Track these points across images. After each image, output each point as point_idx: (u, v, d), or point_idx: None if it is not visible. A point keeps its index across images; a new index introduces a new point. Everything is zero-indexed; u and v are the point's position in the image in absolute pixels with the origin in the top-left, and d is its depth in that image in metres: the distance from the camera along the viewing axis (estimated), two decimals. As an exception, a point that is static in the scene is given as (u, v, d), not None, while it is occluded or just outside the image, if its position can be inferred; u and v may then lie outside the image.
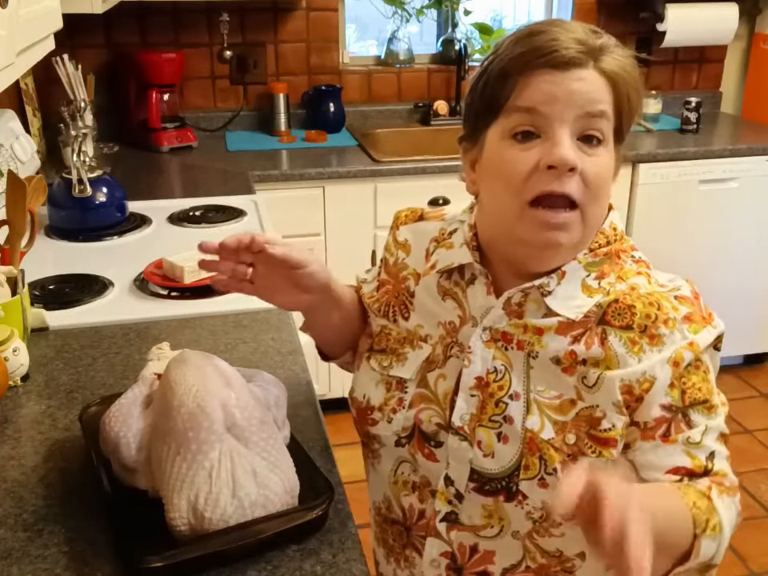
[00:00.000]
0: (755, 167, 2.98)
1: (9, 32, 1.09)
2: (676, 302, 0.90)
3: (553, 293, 0.91)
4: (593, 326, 0.90)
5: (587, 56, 0.86)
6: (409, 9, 3.21)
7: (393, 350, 1.02)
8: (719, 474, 0.89)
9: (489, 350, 0.94)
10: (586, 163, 0.86)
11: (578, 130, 0.86)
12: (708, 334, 0.90)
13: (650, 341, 0.88)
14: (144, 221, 2.09)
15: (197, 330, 1.47)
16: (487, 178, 0.92)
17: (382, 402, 1.01)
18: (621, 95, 0.88)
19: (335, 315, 1.06)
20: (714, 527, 0.83)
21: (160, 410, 0.96)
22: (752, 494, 2.60)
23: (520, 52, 0.86)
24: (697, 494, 0.84)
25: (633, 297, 0.90)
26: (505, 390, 0.93)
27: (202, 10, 2.96)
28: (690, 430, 0.88)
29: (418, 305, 1.02)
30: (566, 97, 0.85)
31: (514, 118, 0.87)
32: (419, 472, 1.00)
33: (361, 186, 2.66)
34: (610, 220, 0.97)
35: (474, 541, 0.97)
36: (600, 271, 0.93)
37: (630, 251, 0.96)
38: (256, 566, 0.90)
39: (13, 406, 1.23)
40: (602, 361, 0.89)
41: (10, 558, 0.91)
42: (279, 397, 1.04)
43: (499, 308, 0.94)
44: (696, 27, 3.25)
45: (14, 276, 1.36)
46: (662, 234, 2.97)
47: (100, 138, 2.85)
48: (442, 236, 1.02)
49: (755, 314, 3.19)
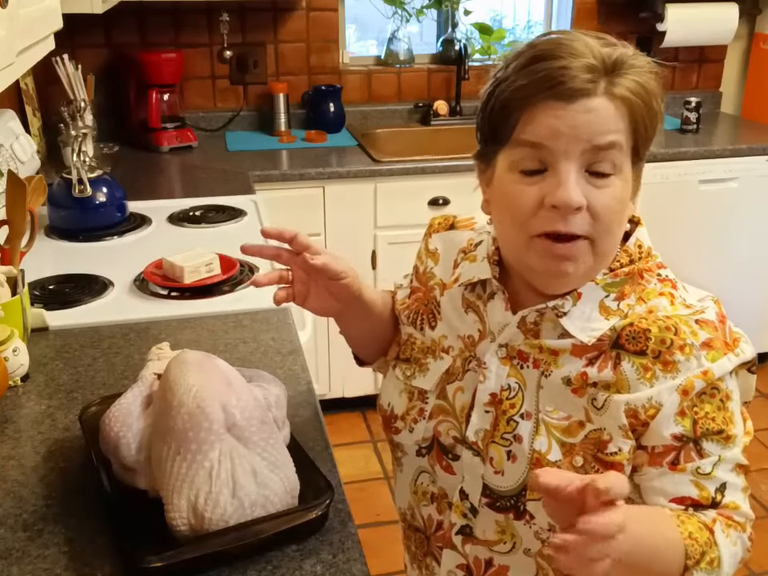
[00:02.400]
0: (755, 167, 2.98)
1: (9, 32, 1.09)
2: (696, 326, 0.86)
3: (568, 314, 0.89)
4: (607, 349, 0.88)
5: (597, 82, 0.82)
6: (409, 9, 3.21)
7: (416, 360, 1.03)
8: (729, 507, 0.85)
9: (504, 367, 0.93)
10: (594, 197, 0.83)
11: (585, 162, 0.83)
12: (728, 362, 0.86)
13: (664, 367, 0.85)
14: (144, 221, 2.09)
15: (197, 330, 1.47)
16: (496, 206, 0.91)
17: (404, 411, 1.02)
18: (636, 117, 0.84)
19: (365, 322, 1.07)
20: (712, 561, 0.81)
21: (160, 410, 0.96)
22: (752, 494, 2.59)
23: (522, 84, 0.83)
24: (698, 525, 0.82)
25: (649, 321, 0.87)
26: (516, 408, 0.92)
27: (202, 9, 2.96)
28: (702, 459, 0.85)
29: (443, 315, 1.02)
30: (570, 131, 0.81)
31: (519, 151, 0.85)
32: (437, 483, 1.01)
33: (361, 185, 2.66)
34: (635, 237, 0.93)
35: (489, 555, 0.97)
36: (620, 292, 0.90)
37: (655, 270, 0.93)
38: (256, 566, 0.90)
39: (13, 406, 1.23)
40: (612, 384, 0.87)
41: (10, 557, 0.91)
42: (279, 397, 1.04)
43: (513, 326, 0.93)
44: (696, 27, 3.24)
45: (13, 276, 1.37)
46: (662, 234, 2.95)
47: (100, 138, 2.85)
48: (470, 247, 1.02)
49: (755, 314, 3.19)
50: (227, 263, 1.70)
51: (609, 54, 0.83)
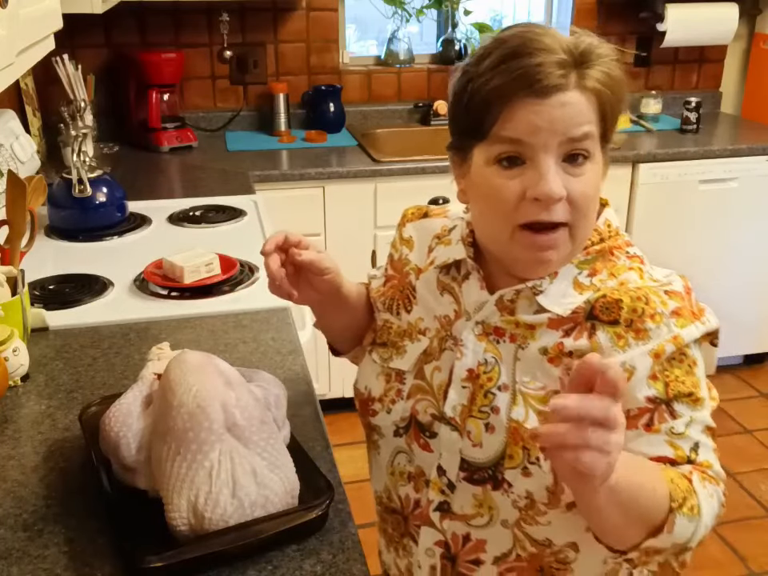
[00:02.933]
0: (755, 167, 2.98)
1: (9, 32, 1.09)
2: (665, 296, 0.91)
3: (545, 292, 0.93)
4: (582, 320, 0.92)
5: (568, 76, 0.86)
6: (409, 9, 3.21)
7: (393, 343, 1.05)
8: (703, 465, 0.88)
9: (481, 343, 0.96)
10: (572, 185, 0.87)
11: (562, 153, 0.87)
12: (695, 329, 0.90)
13: (636, 335, 0.89)
14: (144, 221, 2.09)
15: (197, 330, 1.47)
16: (476, 198, 0.94)
17: (381, 392, 1.04)
18: (605, 105, 0.89)
19: (341, 313, 1.10)
20: (692, 508, 0.83)
21: (160, 410, 0.96)
22: (752, 494, 2.60)
23: (499, 83, 0.86)
24: (677, 474, 0.85)
25: (621, 292, 0.91)
26: (494, 381, 0.95)
27: (202, 9, 2.96)
28: (674, 420, 0.88)
29: (419, 299, 1.05)
30: (548, 126, 0.85)
31: (498, 146, 0.88)
32: (414, 462, 1.02)
33: (361, 185, 2.66)
34: (604, 217, 0.98)
35: (466, 530, 0.99)
36: (592, 268, 0.94)
37: (624, 247, 0.97)
38: (256, 566, 0.90)
39: (13, 406, 1.23)
40: (587, 353, 0.88)
41: (10, 557, 0.92)
42: (279, 397, 1.04)
43: (492, 304, 0.96)
44: (696, 27, 3.24)
45: (13, 276, 1.37)
46: (662, 234, 2.97)
47: (100, 138, 2.85)
48: (444, 232, 1.06)
49: (755, 314, 3.19)
50: (227, 263, 1.70)
51: (576, 45, 0.87)
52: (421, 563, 1.04)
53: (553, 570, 0.98)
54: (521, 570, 0.98)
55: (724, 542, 2.39)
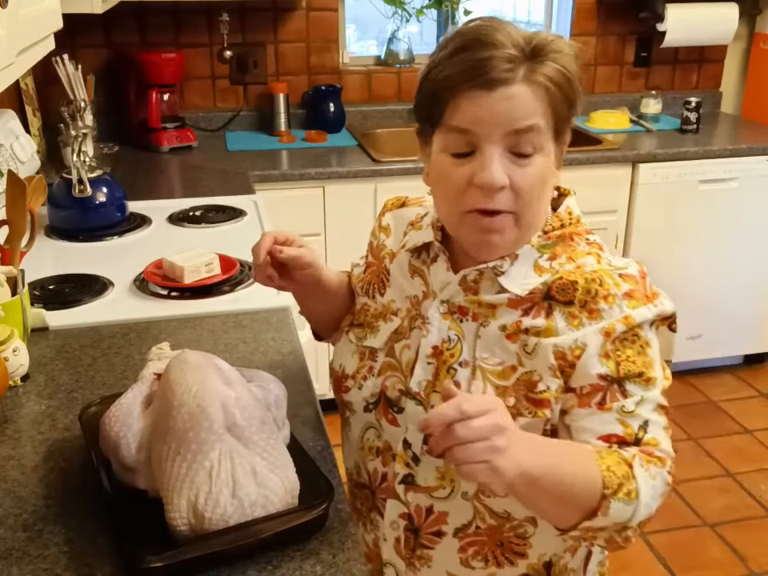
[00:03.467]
0: (755, 167, 2.98)
1: (9, 32, 1.09)
2: (619, 279, 0.94)
3: (506, 273, 0.98)
4: (539, 300, 0.96)
5: (516, 70, 0.88)
6: (409, 9, 3.21)
7: (369, 324, 1.10)
8: (651, 443, 0.91)
9: (445, 321, 1.01)
10: (517, 175, 0.91)
11: (508, 144, 0.90)
12: (647, 311, 0.93)
13: (589, 315, 0.93)
14: (144, 221, 2.09)
15: (197, 330, 1.47)
16: (433, 182, 0.99)
17: (355, 370, 1.08)
18: (555, 99, 0.91)
19: (322, 301, 1.15)
20: (629, 493, 0.86)
21: (160, 409, 0.96)
22: (752, 494, 2.60)
23: (448, 74, 0.90)
24: (617, 460, 0.88)
25: (577, 274, 0.95)
26: (455, 357, 0.99)
27: (202, 9, 2.96)
28: (625, 399, 0.91)
29: (392, 281, 1.10)
30: (491, 118, 0.89)
31: (449, 136, 0.93)
32: (383, 437, 1.06)
33: (361, 185, 2.66)
34: (566, 205, 1.02)
35: (429, 502, 1.03)
36: (552, 253, 0.98)
37: (584, 234, 1.01)
38: (256, 566, 0.90)
39: (13, 406, 1.23)
40: (543, 331, 0.94)
41: (10, 557, 0.92)
42: (279, 397, 1.04)
43: (455, 284, 1.01)
44: (696, 27, 3.25)
45: (13, 276, 1.37)
46: (662, 234, 2.97)
47: (100, 138, 2.85)
48: (417, 219, 1.11)
49: (755, 314, 3.19)
50: (227, 263, 1.70)
51: (528, 40, 0.90)
52: (386, 536, 1.08)
53: (512, 545, 1.02)
54: (481, 545, 1.03)
55: (724, 542, 2.39)
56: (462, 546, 1.03)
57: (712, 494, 2.60)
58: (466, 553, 1.04)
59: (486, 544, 1.02)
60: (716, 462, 2.77)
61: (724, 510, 2.52)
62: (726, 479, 2.68)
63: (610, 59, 3.39)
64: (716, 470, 2.73)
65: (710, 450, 2.83)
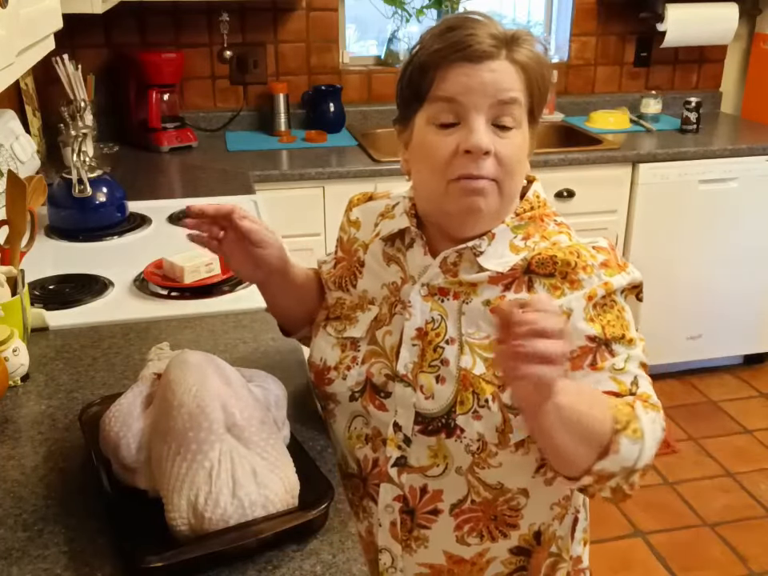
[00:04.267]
0: (755, 167, 2.98)
1: (9, 32, 1.09)
2: (594, 251, 1.01)
3: (484, 253, 1.02)
4: (520, 275, 1.01)
5: (500, 48, 0.96)
6: (409, 9, 3.21)
7: (346, 316, 1.13)
8: (643, 396, 0.96)
9: (427, 303, 1.04)
10: (500, 145, 0.97)
11: (492, 116, 0.97)
12: (622, 278, 1.00)
13: (571, 285, 0.99)
14: (144, 221, 2.09)
15: (197, 330, 1.47)
16: (416, 159, 1.03)
17: (337, 361, 1.10)
18: (531, 81, 0.99)
19: (288, 295, 1.18)
20: (636, 431, 0.90)
21: (160, 410, 0.96)
22: (752, 494, 2.60)
23: (438, 48, 0.97)
24: (621, 401, 0.93)
25: (554, 249, 1.01)
26: (442, 336, 1.02)
27: (202, 9, 2.96)
28: (614, 358, 0.97)
29: (366, 271, 1.13)
30: (479, 87, 0.95)
31: (435, 106, 0.98)
32: (371, 424, 1.08)
33: (361, 186, 2.65)
34: (533, 189, 1.08)
35: (423, 482, 1.05)
36: (526, 233, 1.04)
37: (552, 216, 1.07)
38: (256, 566, 0.90)
39: (13, 406, 1.23)
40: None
41: (10, 557, 0.92)
42: (279, 397, 1.04)
43: (436, 266, 1.04)
44: (696, 27, 3.25)
45: (13, 276, 1.37)
46: (662, 234, 2.97)
47: (100, 138, 2.85)
48: (387, 210, 1.15)
49: (755, 314, 3.19)
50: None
51: (507, 31, 0.98)
52: (381, 521, 1.09)
53: (505, 518, 1.06)
54: (476, 521, 1.06)
55: (724, 541, 2.39)
56: (457, 523, 1.06)
57: (712, 493, 2.60)
58: (462, 530, 1.07)
59: (481, 519, 1.06)
60: (716, 461, 2.77)
61: (724, 510, 2.52)
62: (726, 479, 2.68)
63: (610, 59, 3.39)
64: (716, 470, 2.73)
65: (710, 449, 2.83)
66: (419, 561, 1.10)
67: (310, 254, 2.52)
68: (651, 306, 3.17)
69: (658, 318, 3.06)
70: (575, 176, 2.81)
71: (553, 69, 1.01)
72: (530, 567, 1.11)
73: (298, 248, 2.28)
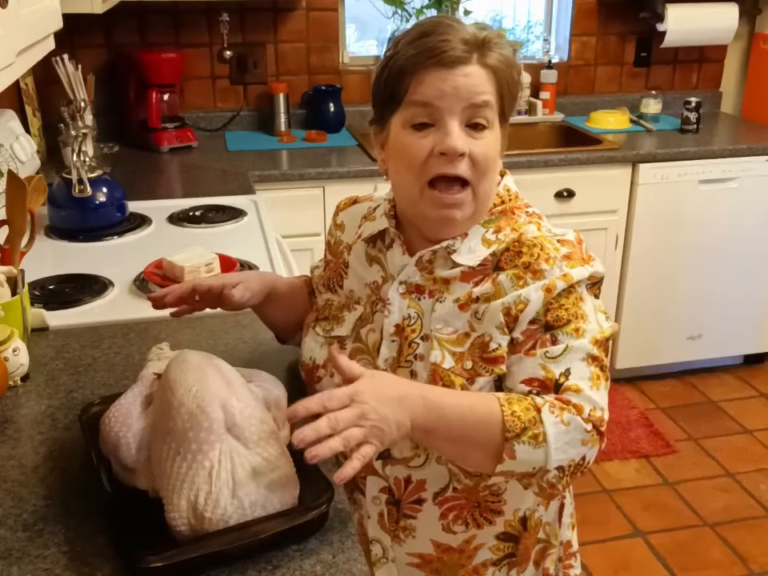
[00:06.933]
0: (755, 167, 2.98)
1: (9, 32, 1.09)
2: (558, 244, 1.03)
3: (458, 250, 1.05)
4: (490, 272, 1.04)
5: (471, 53, 0.99)
6: (409, 9, 3.20)
7: (334, 316, 1.17)
8: (571, 389, 0.96)
9: (404, 300, 1.08)
10: (474, 146, 1.00)
11: (465, 118, 1.00)
12: (583, 270, 1.01)
13: (533, 275, 1.01)
14: (144, 221, 2.09)
15: (197, 330, 1.47)
16: (393, 160, 1.06)
17: (326, 359, 1.14)
18: (502, 83, 1.02)
19: (276, 310, 1.25)
20: (536, 436, 0.92)
21: (160, 410, 0.96)
22: (752, 494, 2.60)
23: (413, 53, 1.00)
24: (527, 406, 0.93)
25: (521, 243, 1.03)
26: (416, 332, 1.06)
27: (202, 9, 2.96)
28: (553, 346, 0.98)
29: (351, 272, 1.17)
30: (453, 92, 0.98)
31: (411, 110, 1.01)
32: None
33: (361, 186, 2.66)
34: (504, 183, 1.11)
35: (407, 473, 1.08)
36: (497, 226, 1.07)
37: (524, 208, 1.10)
38: (256, 566, 0.90)
39: (13, 406, 1.23)
40: (492, 295, 1.02)
41: (10, 557, 0.92)
42: (279, 397, 1.04)
43: (412, 265, 1.08)
44: (696, 27, 3.25)
45: (14, 276, 1.37)
46: (662, 234, 2.97)
47: (100, 138, 2.85)
48: (370, 212, 1.18)
49: (755, 314, 3.19)
50: (227, 263, 1.70)
51: (478, 34, 1.01)
52: (370, 512, 1.12)
53: (489, 504, 1.09)
54: (460, 509, 1.08)
55: (724, 541, 2.40)
56: (442, 512, 1.09)
57: (712, 493, 2.60)
58: (447, 518, 1.09)
59: (465, 507, 1.08)
60: (716, 462, 2.77)
61: (724, 510, 2.53)
62: (726, 479, 2.68)
63: (610, 59, 3.39)
64: (716, 470, 2.73)
65: (710, 450, 2.83)
66: (408, 551, 1.13)
67: (309, 254, 2.52)
68: (651, 306, 3.17)
69: (658, 318, 3.06)
70: (575, 176, 2.81)
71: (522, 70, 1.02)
72: (518, 553, 1.14)
73: (298, 248, 2.28)
